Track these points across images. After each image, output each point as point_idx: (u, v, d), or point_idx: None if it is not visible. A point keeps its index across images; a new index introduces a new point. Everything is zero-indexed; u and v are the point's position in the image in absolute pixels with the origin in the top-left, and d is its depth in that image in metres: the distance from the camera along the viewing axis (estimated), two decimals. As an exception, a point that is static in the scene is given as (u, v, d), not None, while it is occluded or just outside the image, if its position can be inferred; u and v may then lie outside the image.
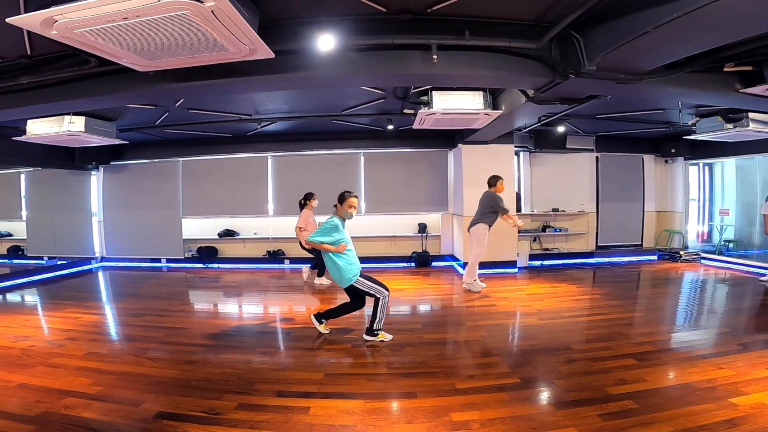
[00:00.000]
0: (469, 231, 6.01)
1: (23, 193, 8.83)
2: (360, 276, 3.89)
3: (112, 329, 4.64)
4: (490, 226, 5.89)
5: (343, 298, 4.22)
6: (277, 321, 4.84)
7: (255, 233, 8.47)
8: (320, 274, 6.62)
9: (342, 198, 3.89)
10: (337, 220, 3.85)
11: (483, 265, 7.17)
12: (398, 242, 8.43)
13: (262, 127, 6.98)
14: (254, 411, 2.68)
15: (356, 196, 3.89)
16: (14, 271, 7.38)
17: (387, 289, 3.93)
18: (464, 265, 7.22)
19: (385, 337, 3.95)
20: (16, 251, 8.82)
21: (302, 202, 6.42)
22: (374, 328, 3.92)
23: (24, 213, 8.82)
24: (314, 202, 6.37)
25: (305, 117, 6.46)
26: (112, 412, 2.66)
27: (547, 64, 3.52)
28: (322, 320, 4.16)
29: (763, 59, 3.61)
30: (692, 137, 6.50)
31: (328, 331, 4.14)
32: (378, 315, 3.90)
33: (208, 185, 8.46)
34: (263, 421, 2.56)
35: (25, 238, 8.75)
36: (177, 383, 3.10)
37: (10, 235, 9.09)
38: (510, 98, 4.88)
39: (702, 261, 8.04)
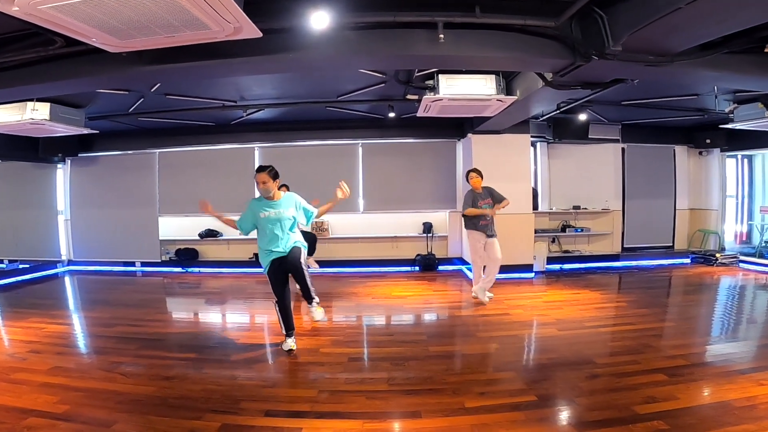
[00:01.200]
0: None
1: (-20, 188, 8.83)
2: (270, 268, 4.01)
3: (81, 341, 4.64)
4: (475, 229, 5.61)
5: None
6: (264, 332, 4.84)
7: (240, 233, 8.45)
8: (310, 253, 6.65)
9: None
10: (253, 201, 4.16)
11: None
12: (400, 243, 8.44)
13: (248, 115, 6.98)
14: (239, 432, 2.68)
15: (264, 171, 4.03)
16: (-29, 276, 7.39)
17: (277, 298, 4.06)
18: (474, 270, 7.24)
19: (287, 344, 4.07)
20: (-28, 254, 8.83)
21: None
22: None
23: (-19, 211, 8.82)
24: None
25: (296, 104, 6.45)
26: (80, 434, 2.66)
27: (567, 45, 3.51)
28: (312, 301, 4.14)
29: (809, 39, 3.59)
30: (730, 126, 6.49)
31: (322, 316, 4.20)
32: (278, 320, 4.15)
33: (188, 180, 8.46)
34: (250, 444, 2.57)
35: (-17, 239, 8.76)
36: (153, 401, 3.10)
37: (-33, 235, 9.09)
38: (526, 82, 4.87)
39: (740, 265, 8.02)
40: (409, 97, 5.59)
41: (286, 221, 4.02)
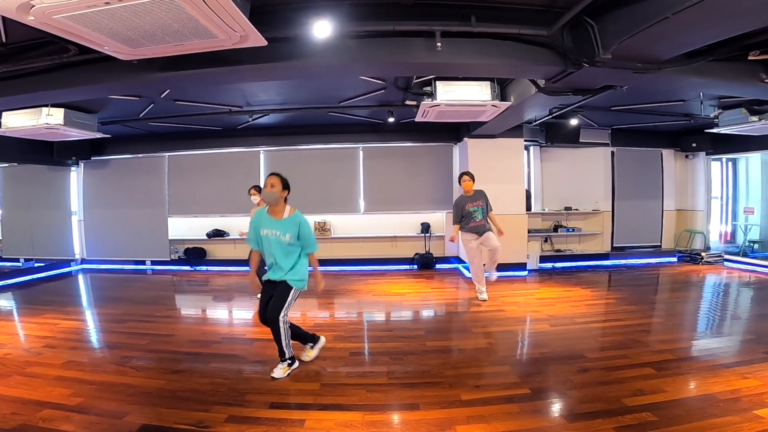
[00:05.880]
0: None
1: (-2, 190, 8.82)
2: (263, 284, 3.53)
3: (93, 336, 4.63)
4: (467, 231, 5.62)
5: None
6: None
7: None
8: None
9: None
10: (257, 213, 3.57)
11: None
12: (399, 243, 8.43)
13: (253, 120, 6.98)
14: (245, 424, 2.68)
15: (277, 176, 3.52)
16: (-12, 274, 7.38)
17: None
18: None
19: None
20: (-10, 253, 8.82)
21: None
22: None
23: (-1, 211, 8.82)
24: (253, 197, 5.67)
25: (300, 109, 6.45)
26: (93, 425, 2.66)
27: (559, 53, 3.51)
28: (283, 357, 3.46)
29: (790, 47, 3.60)
30: (715, 131, 6.49)
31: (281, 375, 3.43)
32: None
33: (196, 182, 8.46)
34: (255, 435, 2.57)
35: (0, 238, 8.74)
36: (162, 394, 3.10)
37: (-16, 235, 9.08)
38: (519, 89, 4.87)
39: (725, 263, 8.02)
40: (407, 102, 5.59)
41: (281, 246, 3.36)
